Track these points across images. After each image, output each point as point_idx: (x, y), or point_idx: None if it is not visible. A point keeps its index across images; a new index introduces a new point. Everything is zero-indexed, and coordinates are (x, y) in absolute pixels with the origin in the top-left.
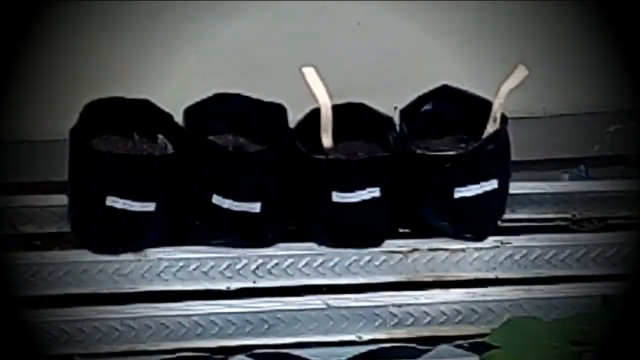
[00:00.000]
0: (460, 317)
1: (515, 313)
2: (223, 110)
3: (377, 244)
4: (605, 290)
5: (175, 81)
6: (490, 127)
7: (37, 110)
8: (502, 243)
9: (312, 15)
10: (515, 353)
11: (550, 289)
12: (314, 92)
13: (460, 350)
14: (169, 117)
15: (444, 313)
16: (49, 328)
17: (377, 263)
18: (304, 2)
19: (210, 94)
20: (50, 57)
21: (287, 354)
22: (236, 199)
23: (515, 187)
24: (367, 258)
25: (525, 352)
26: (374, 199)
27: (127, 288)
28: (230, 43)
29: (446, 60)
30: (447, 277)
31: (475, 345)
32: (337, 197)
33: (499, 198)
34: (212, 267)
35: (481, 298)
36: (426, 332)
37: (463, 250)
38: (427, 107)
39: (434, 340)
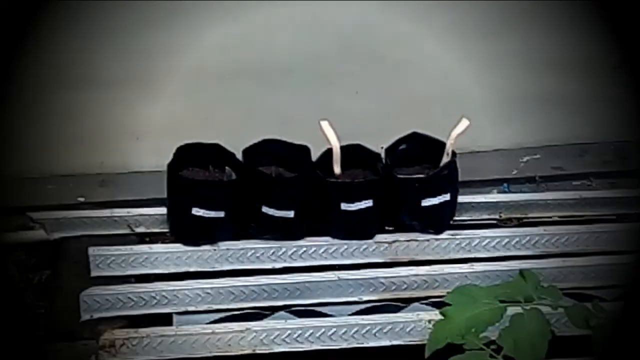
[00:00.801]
0: (426, 285)
1: (462, 282)
2: (268, 150)
3: (371, 237)
4: (522, 266)
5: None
6: (445, 159)
7: (142, 150)
8: (453, 235)
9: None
10: (462, 308)
11: (486, 266)
12: (327, 137)
13: (426, 306)
14: (232, 155)
15: (415, 282)
16: (155, 295)
17: (371, 249)
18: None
19: (260, 139)
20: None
21: (313, 310)
22: (277, 208)
23: (461, 199)
24: (364, 246)
25: (467, 307)
26: (368, 207)
27: (207, 268)
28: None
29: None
30: (418, 259)
31: (436, 303)
32: (344, 206)
33: (451, 206)
34: (262, 254)
35: (440, 272)
36: (404, 295)
37: (428, 240)
38: (402, 146)
39: (409, 300)
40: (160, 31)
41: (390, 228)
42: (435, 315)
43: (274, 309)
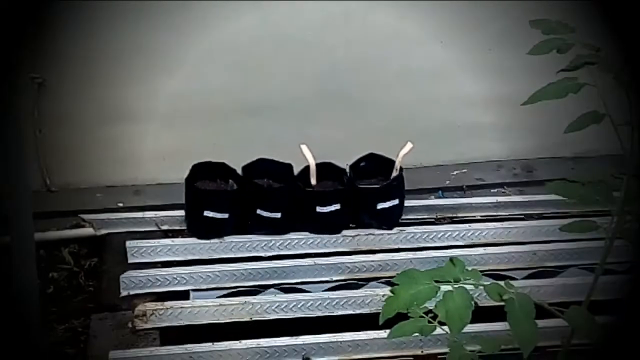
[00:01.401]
0: (381, 268)
1: (407, 266)
2: (261, 167)
3: (339, 232)
4: (452, 254)
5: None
6: (394, 173)
7: (166, 168)
8: (401, 230)
9: (302, 119)
10: (407, 286)
11: (425, 254)
12: (306, 157)
13: (380, 285)
14: (234, 170)
15: (372, 266)
16: (175, 276)
17: (339, 242)
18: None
19: (255, 159)
20: None
21: (295, 287)
22: (268, 211)
23: (407, 203)
24: (334, 239)
25: (411, 286)
26: (336, 210)
27: (215, 256)
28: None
29: (367, 142)
30: (374, 248)
31: (388, 282)
32: (319, 209)
33: (399, 208)
34: (257, 245)
35: (391, 259)
36: (364, 276)
37: (382, 234)
38: (362, 163)
39: (368, 280)
40: (180, 79)
41: (353, 225)
42: (387, 291)
43: (266, 287)
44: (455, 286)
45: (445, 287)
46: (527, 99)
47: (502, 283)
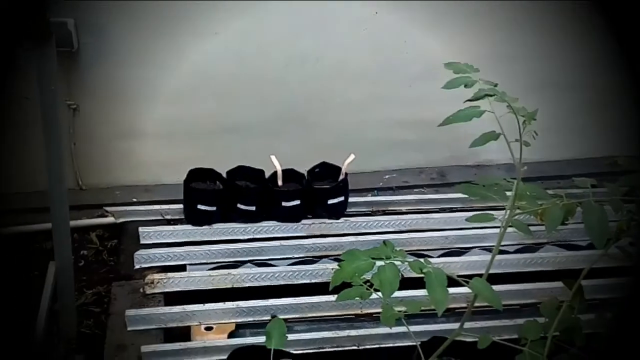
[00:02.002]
0: (331, 248)
1: (351, 247)
2: (241, 172)
3: (299, 221)
4: (385, 238)
5: None
6: (341, 177)
7: (169, 172)
8: (346, 220)
9: (271, 136)
10: (350, 262)
11: (365, 238)
12: (275, 164)
13: (331, 261)
14: (220, 174)
15: (325, 247)
16: (176, 254)
17: (299, 228)
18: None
19: (235, 166)
20: None
21: (266, 263)
22: (246, 205)
23: (350, 199)
24: (295, 226)
25: (354, 262)
26: (297, 205)
27: (205, 239)
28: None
29: (320, 154)
30: (325, 233)
31: (337, 259)
32: (284, 204)
33: (344, 203)
34: (237, 230)
35: (338, 241)
36: (318, 254)
37: (331, 223)
38: (317, 169)
39: (321, 257)
40: (177, 106)
41: (310, 216)
42: (335, 266)
43: (243, 262)
44: (387, 262)
45: (379, 263)
46: (442, 121)
47: (422, 260)
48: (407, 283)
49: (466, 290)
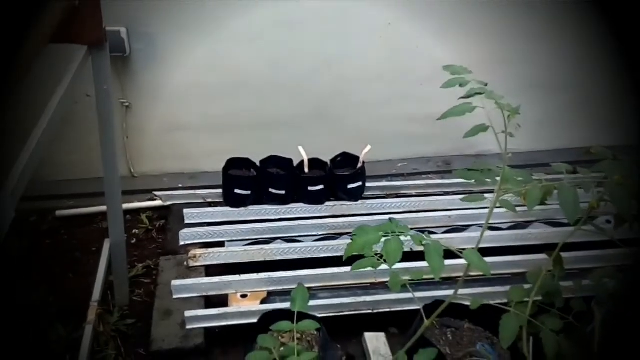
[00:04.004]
0: (350, 227)
1: (364, 224)
2: (272, 161)
3: (322, 203)
4: (392, 216)
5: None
6: (359, 165)
7: (211, 162)
8: (363, 202)
9: (300, 130)
10: (362, 236)
11: (377, 217)
12: (302, 154)
13: (349, 237)
14: (254, 163)
15: (344, 225)
16: (216, 232)
17: (323, 209)
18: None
19: (268, 155)
20: None
21: (294, 239)
22: (277, 189)
23: (367, 184)
24: (320, 208)
25: (365, 236)
26: (321, 189)
27: (241, 219)
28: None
29: (341, 145)
30: (345, 214)
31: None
32: (310, 188)
33: (362, 188)
34: (270, 212)
35: (357, 220)
36: (339, 231)
37: (350, 205)
38: (339, 159)
39: (342, 234)
40: (218, 104)
41: (332, 199)
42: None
43: (274, 239)
44: (394, 236)
45: (386, 237)
46: (440, 115)
47: (424, 234)
48: (414, 257)
49: (465, 262)
